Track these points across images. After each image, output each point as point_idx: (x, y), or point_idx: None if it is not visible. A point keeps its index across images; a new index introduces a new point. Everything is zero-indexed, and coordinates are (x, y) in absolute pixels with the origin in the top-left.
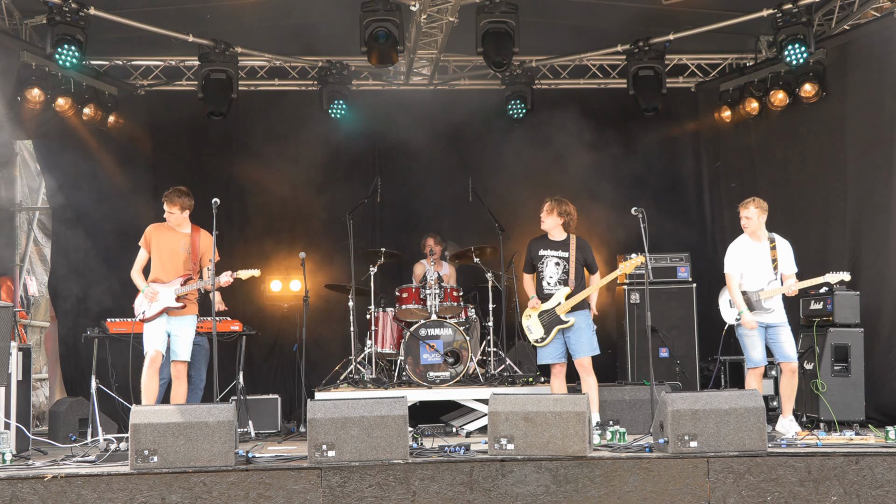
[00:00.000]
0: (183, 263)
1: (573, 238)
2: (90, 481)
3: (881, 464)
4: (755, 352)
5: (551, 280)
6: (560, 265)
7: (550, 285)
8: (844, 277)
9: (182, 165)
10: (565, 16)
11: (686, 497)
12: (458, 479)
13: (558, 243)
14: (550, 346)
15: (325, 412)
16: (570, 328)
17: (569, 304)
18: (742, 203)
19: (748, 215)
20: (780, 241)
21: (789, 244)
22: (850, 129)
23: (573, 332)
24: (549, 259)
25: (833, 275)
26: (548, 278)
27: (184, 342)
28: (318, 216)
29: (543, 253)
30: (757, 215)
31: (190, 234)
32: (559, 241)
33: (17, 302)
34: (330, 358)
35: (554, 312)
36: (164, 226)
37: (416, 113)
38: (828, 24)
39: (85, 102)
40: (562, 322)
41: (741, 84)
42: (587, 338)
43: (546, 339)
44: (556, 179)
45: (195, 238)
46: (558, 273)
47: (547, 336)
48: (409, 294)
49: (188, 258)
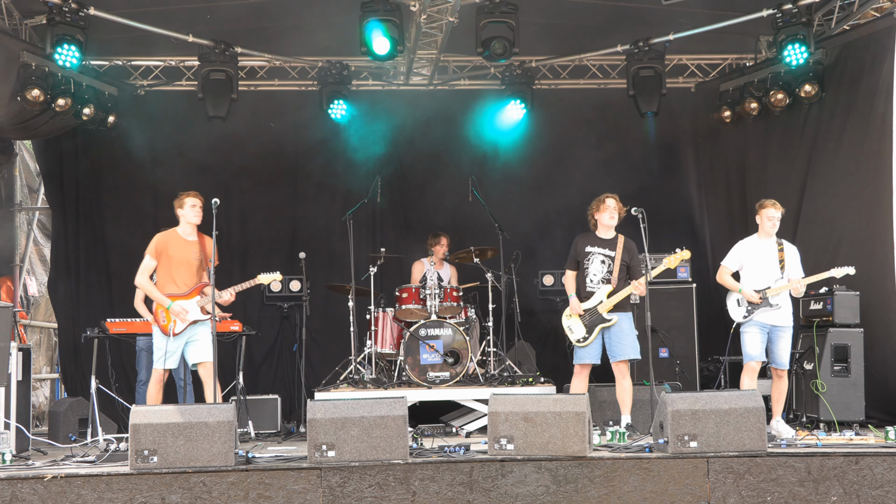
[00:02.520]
0: (196, 272)
1: (621, 238)
2: (90, 481)
3: (881, 464)
4: (753, 348)
5: (594, 278)
6: (605, 263)
7: (593, 283)
8: (850, 271)
9: (182, 166)
10: (565, 16)
11: (686, 497)
12: (457, 480)
13: (606, 241)
14: (591, 346)
15: (325, 412)
16: (611, 328)
17: (611, 303)
18: (773, 203)
19: (774, 215)
20: (787, 245)
21: (796, 249)
22: (849, 128)
23: (615, 332)
24: (595, 256)
25: (839, 269)
26: (591, 276)
27: (203, 344)
28: (318, 216)
29: (590, 250)
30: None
31: (197, 240)
32: (607, 240)
33: (17, 302)
34: (330, 358)
35: (596, 311)
36: (173, 234)
37: (415, 113)
38: (828, 24)
39: (85, 102)
40: (605, 321)
41: (741, 84)
42: (631, 339)
43: (589, 338)
44: (556, 179)
45: (202, 243)
46: (602, 271)
47: (590, 336)
48: (409, 294)
49: (200, 265)
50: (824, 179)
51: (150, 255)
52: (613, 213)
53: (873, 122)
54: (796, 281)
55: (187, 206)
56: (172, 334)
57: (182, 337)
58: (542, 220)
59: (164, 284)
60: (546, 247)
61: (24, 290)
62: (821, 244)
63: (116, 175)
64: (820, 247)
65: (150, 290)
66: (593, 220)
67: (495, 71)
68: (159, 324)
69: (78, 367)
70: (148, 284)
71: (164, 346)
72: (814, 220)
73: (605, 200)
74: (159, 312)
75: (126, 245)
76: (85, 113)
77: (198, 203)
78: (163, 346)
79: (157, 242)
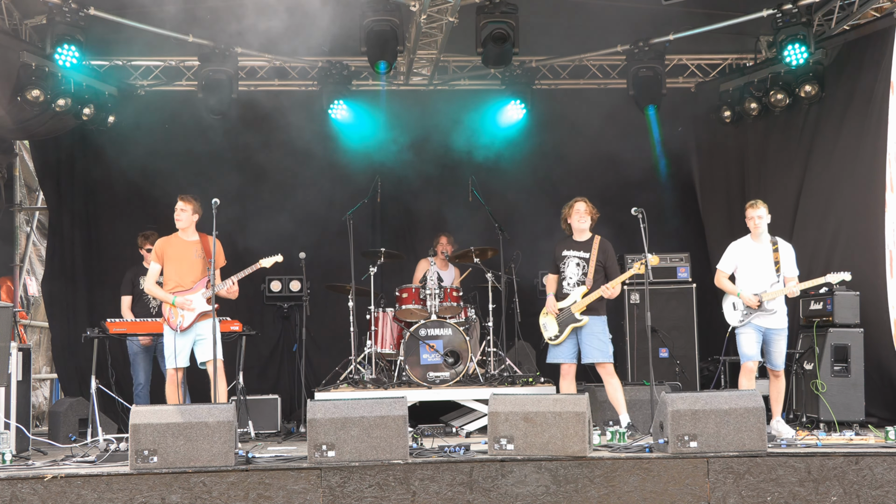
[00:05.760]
0: (202, 269)
1: (597, 239)
2: (90, 481)
3: (881, 464)
4: (749, 347)
5: (570, 280)
6: (580, 266)
7: (570, 285)
8: (845, 277)
9: (182, 166)
10: (565, 16)
11: (686, 497)
12: (457, 480)
13: (581, 244)
14: (563, 346)
15: (325, 412)
16: (583, 329)
17: (584, 303)
18: (751, 203)
19: (760, 215)
20: (782, 243)
21: (791, 247)
22: (846, 128)
23: (586, 334)
24: (571, 259)
25: (834, 275)
26: (568, 278)
27: (210, 343)
28: (318, 216)
29: (566, 253)
30: (766, 215)
31: (199, 240)
32: (582, 242)
33: (17, 302)
34: (330, 358)
35: (569, 310)
36: (173, 238)
37: (415, 113)
38: (828, 24)
39: (85, 102)
40: (576, 321)
41: (741, 84)
42: (599, 343)
43: (560, 336)
44: (556, 180)
45: (204, 242)
46: (578, 274)
47: (560, 334)
48: (409, 294)
49: (203, 262)
50: (821, 179)
51: (153, 261)
52: (583, 216)
53: (870, 121)
54: (789, 288)
55: (177, 209)
56: (180, 329)
57: (190, 333)
58: (542, 220)
59: (170, 284)
60: (546, 247)
61: (24, 290)
62: (817, 244)
63: (116, 175)
64: (816, 246)
65: (157, 293)
66: (565, 225)
67: (495, 71)
68: (169, 322)
69: (73, 366)
70: (155, 288)
71: (172, 344)
72: (810, 220)
73: (574, 205)
74: (167, 310)
75: (124, 245)
76: (85, 113)
77: (178, 208)
78: (172, 344)
79: (157, 247)
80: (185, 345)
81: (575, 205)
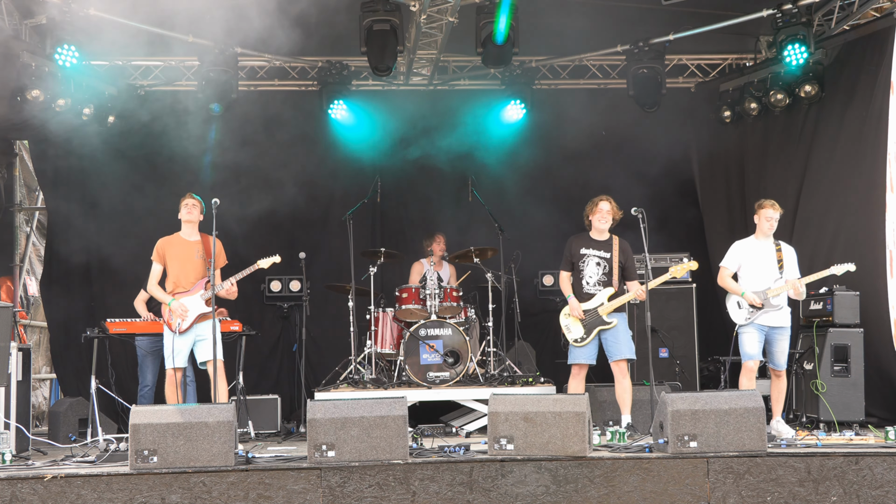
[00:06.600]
0: (203, 270)
1: (616, 239)
2: (90, 481)
3: (881, 464)
4: (751, 347)
5: (591, 280)
6: (601, 265)
7: (590, 285)
8: (850, 268)
9: (182, 166)
10: (565, 16)
11: (686, 497)
12: (457, 480)
13: (601, 243)
14: (588, 347)
15: (325, 412)
16: (610, 330)
17: (612, 306)
18: (772, 203)
19: (773, 216)
20: (785, 246)
21: (793, 250)
22: (846, 128)
23: (613, 333)
24: (591, 258)
25: (839, 266)
26: (587, 277)
27: (210, 343)
28: (317, 216)
29: (585, 251)
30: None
31: (199, 240)
32: (602, 241)
33: (17, 302)
34: (330, 358)
35: (596, 313)
36: (174, 238)
37: (415, 113)
38: (827, 24)
39: (85, 102)
40: (604, 323)
41: (741, 84)
42: (626, 339)
43: (586, 339)
44: (556, 180)
45: (206, 242)
46: (598, 273)
47: (587, 336)
48: (409, 294)
49: (204, 262)
50: (821, 179)
51: (154, 261)
52: (607, 216)
53: (870, 121)
54: (797, 281)
55: (182, 207)
56: (178, 331)
57: (189, 335)
58: (541, 220)
59: (170, 284)
60: (546, 247)
61: (23, 290)
62: (817, 244)
63: (116, 175)
64: (816, 246)
65: (157, 294)
66: (588, 221)
67: (495, 71)
68: (168, 323)
69: (71, 366)
70: (155, 289)
71: (171, 345)
72: (810, 220)
73: (599, 203)
74: (166, 312)
75: (123, 245)
76: (85, 113)
77: (190, 203)
78: (170, 345)
79: (157, 247)
80: (185, 345)
81: (599, 203)
